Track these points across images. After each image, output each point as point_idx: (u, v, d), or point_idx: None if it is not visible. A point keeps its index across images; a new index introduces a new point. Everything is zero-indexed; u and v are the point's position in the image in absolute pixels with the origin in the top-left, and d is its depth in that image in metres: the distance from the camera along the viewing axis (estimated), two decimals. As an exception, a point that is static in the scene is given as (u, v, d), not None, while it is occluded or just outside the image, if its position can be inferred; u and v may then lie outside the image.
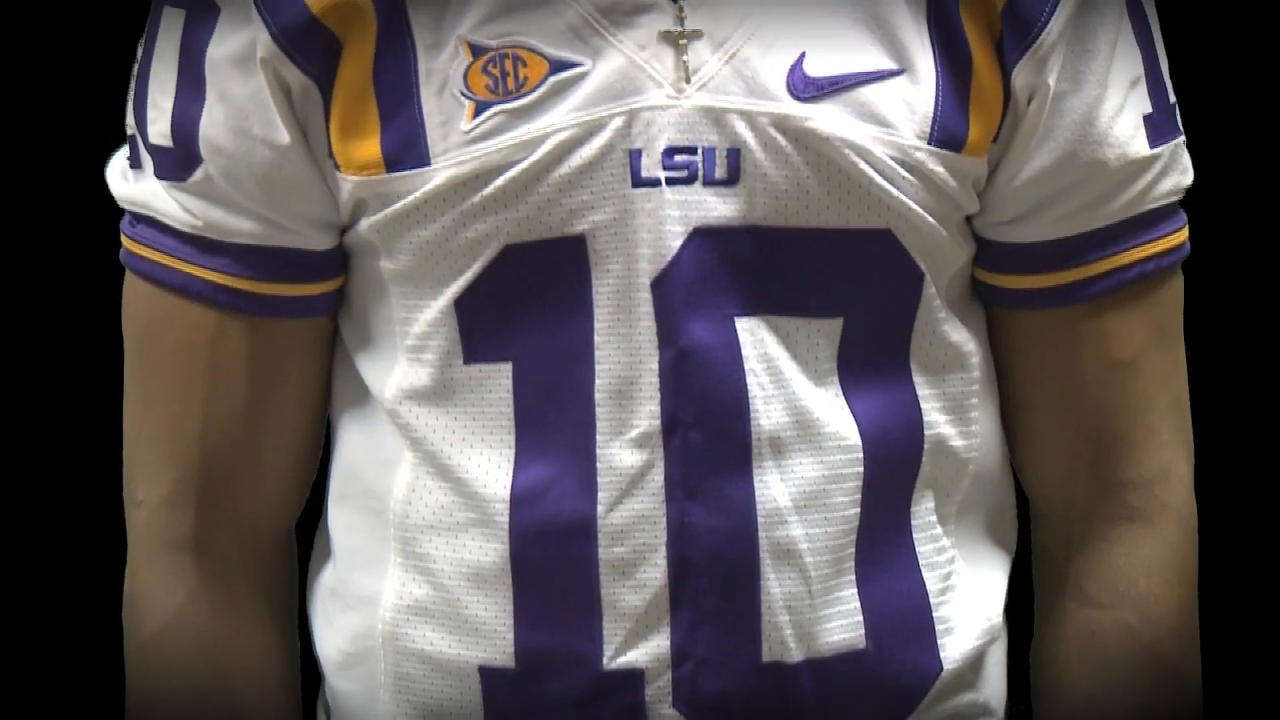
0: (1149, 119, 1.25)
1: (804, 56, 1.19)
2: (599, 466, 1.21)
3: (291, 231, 1.25)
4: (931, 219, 1.22)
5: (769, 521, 1.22)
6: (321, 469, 1.34)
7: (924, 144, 1.21)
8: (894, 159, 1.20)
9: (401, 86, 1.20)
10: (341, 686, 1.31)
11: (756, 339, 1.21)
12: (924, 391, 1.26)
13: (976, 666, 1.30)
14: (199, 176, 1.24)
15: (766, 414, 1.21)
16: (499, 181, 1.19)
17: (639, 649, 1.23)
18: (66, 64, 1.81)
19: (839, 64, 1.20)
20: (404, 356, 1.25)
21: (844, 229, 1.21)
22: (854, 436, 1.23)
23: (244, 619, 1.31)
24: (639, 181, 1.19)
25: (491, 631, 1.24)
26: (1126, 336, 1.28)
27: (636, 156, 1.19)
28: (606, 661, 1.23)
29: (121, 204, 1.29)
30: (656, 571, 1.22)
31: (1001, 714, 1.34)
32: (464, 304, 1.22)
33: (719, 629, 1.22)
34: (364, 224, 1.23)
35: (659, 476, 1.21)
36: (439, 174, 1.20)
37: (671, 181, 1.19)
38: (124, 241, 1.29)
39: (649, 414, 1.21)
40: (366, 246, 1.25)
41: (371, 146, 1.21)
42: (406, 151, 1.20)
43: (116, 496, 1.33)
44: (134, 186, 1.28)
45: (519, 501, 1.22)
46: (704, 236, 1.19)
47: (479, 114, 1.19)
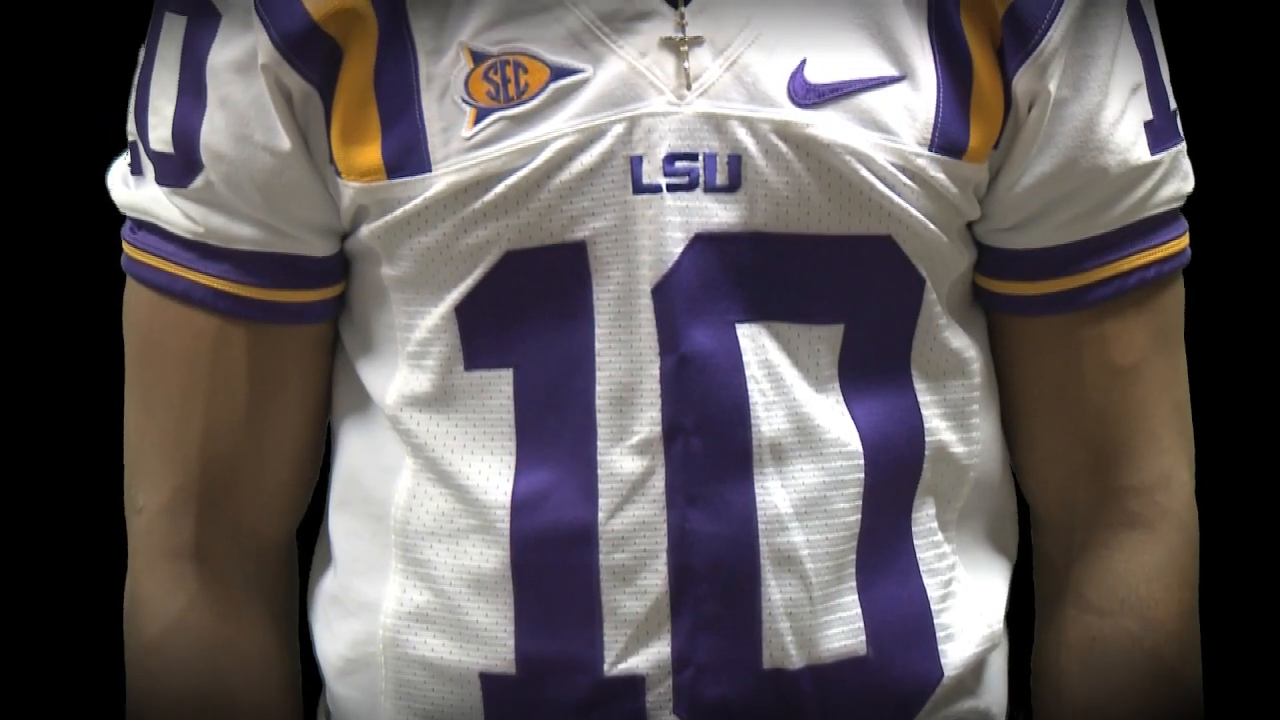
0: (1150, 125, 1.25)
1: (805, 63, 1.19)
2: (600, 473, 1.21)
3: (292, 238, 1.25)
4: (932, 225, 1.22)
5: (770, 528, 1.21)
6: (322, 475, 1.34)
7: (925, 150, 1.21)
8: (895, 165, 1.20)
9: (402, 93, 1.20)
10: (342, 693, 1.31)
11: (757, 345, 1.21)
12: (925, 398, 1.26)
13: (977, 673, 1.30)
14: (200, 183, 1.24)
15: (767, 420, 1.21)
16: (500, 188, 1.19)
17: (640, 655, 1.22)
18: (68, 70, 1.81)
19: (840, 70, 1.20)
20: (405, 363, 1.25)
21: (845, 235, 1.21)
22: (855, 443, 1.23)
23: (245, 625, 1.31)
24: (640, 188, 1.19)
25: (492, 638, 1.24)
26: (1127, 343, 1.28)
27: (637, 163, 1.19)
28: (607, 668, 1.23)
29: (123, 210, 1.29)
30: (657, 578, 1.21)
31: (1002, 720, 1.34)
32: (465, 310, 1.22)
33: (720, 635, 1.22)
34: (365, 230, 1.23)
35: (660, 483, 1.21)
36: (440, 180, 1.20)
37: (672, 188, 1.19)
38: (125, 248, 1.29)
39: (650, 420, 1.20)
40: (367, 253, 1.25)
41: (372, 153, 1.21)
42: (407, 158, 1.20)
43: (117, 502, 1.33)
44: (135, 193, 1.28)
45: (520, 508, 1.22)
46: (705, 243, 1.19)
47: (480, 120, 1.19)
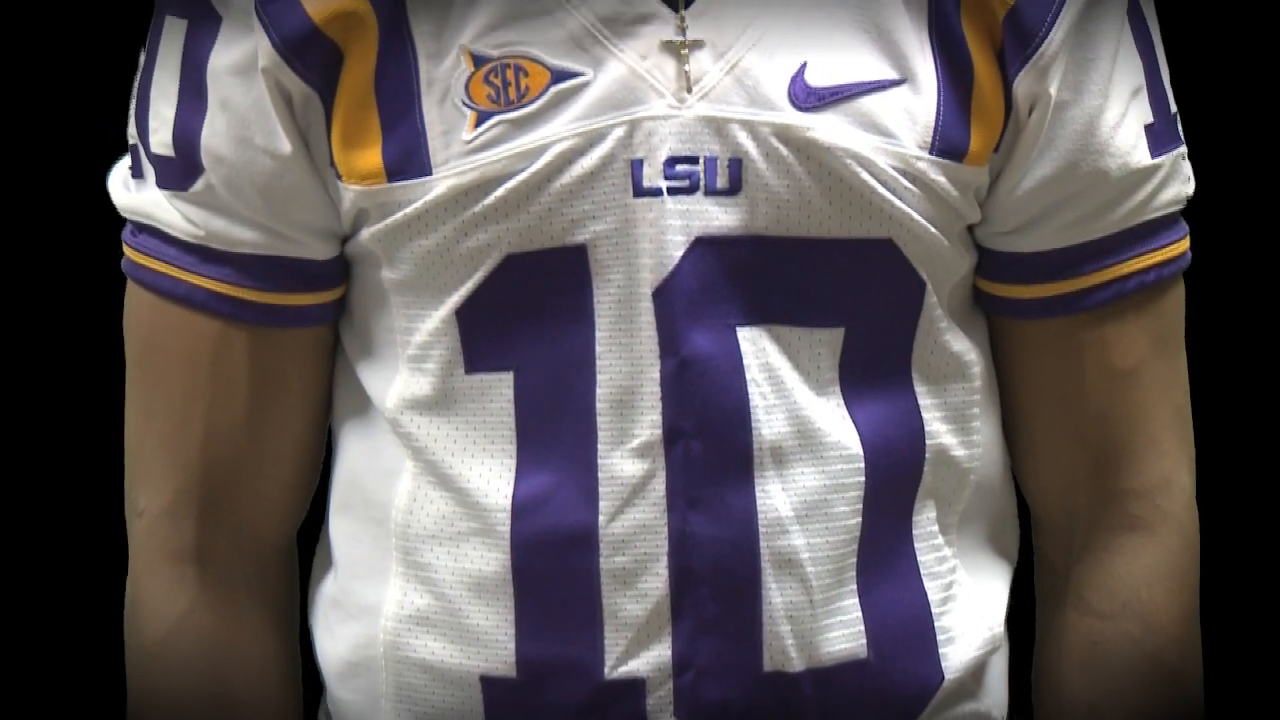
0: (1150, 129, 1.25)
1: (805, 66, 1.19)
2: (600, 476, 1.21)
3: (293, 241, 1.25)
4: (933, 229, 1.22)
5: (770, 531, 1.21)
6: (323, 479, 1.34)
7: (925, 154, 1.21)
8: (895, 169, 1.20)
9: (403, 96, 1.20)
10: (343, 696, 1.31)
11: (758, 349, 1.21)
12: (925, 401, 1.26)
13: (978, 676, 1.30)
14: (201, 186, 1.24)
15: (768, 423, 1.21)
16: (500, 191, 1.19)
17: (640, 658, 1.22)
18: (69, 74, 1.81)
19: (840, 74, 1.20)
20: (405, 366, 1.25)
21: (845, 239, 1.21)
22: (855, 446, 1.23)
23: (245, 628, 1.31)
24: (640, 191, 1.19)
25: (493, 641, 1.24)
26: (1128, 346, 1.28)
27: (638, 166, 1.19)
28: (608, 671, 1.23)
29: (123, 214, 1.29)
30: (658, 581, 1.21)
31: (1003, 723, 1.34)
32: (465, 314, 1.22)
33: (720, 638, 1.22)
34: (365, 233, 1.23)
35: (660, 486, 1.21)
36: (440, 183, 1.20)
37: (673, 191, 1.19)
38: (126, 251, 1.29)
39: (650, 424, 1.20)
40: (368, 256, 1.25)
41: (373, 156, 1.21)
42: (408, 161, 1.20)
43: (117, 505, 1.33)
44: (136, 196, 1.28)
45: (520, 511, 1.22)
46: (705, 246, 1.19)
47: (480, 124, 1.19)
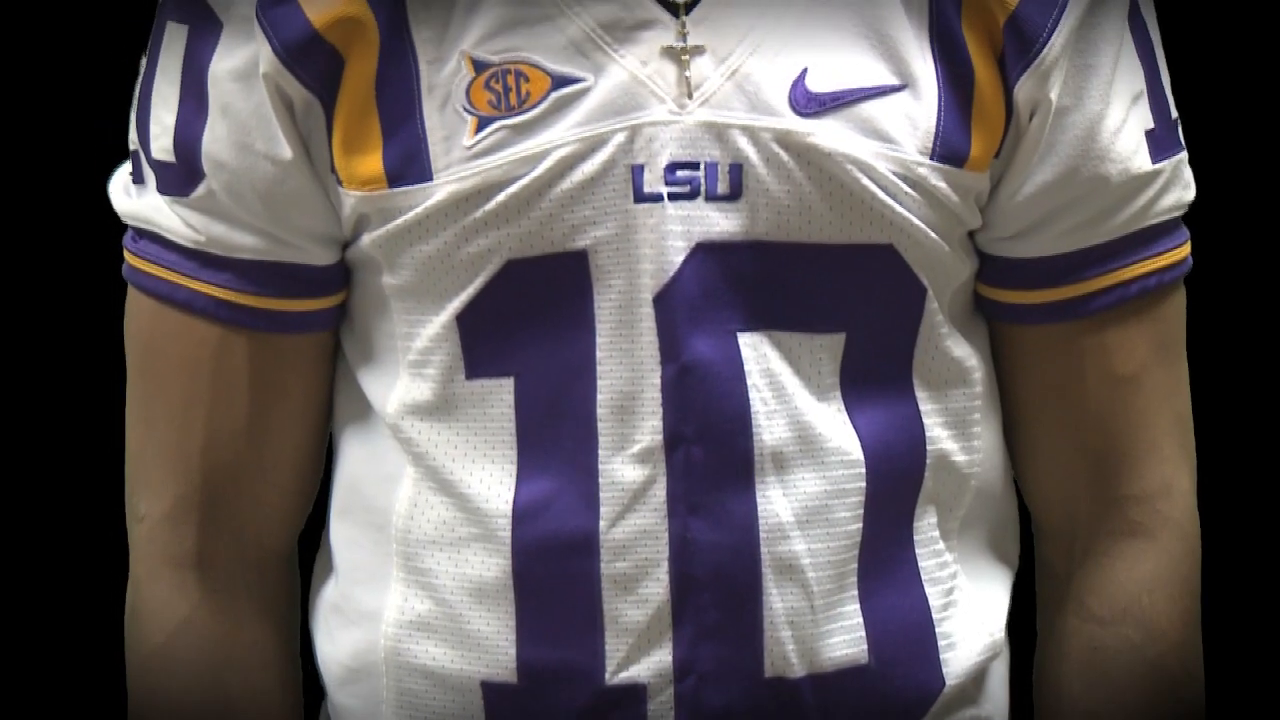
0: (1151, 134, 1.25)
1: (806, 72, 1.19)
2: (601, 482, 1.21)
3: (294, 247, 1.25)
4: (934, 234, 1.22)
5: (771, 537, 1.21)
6: (324, 484, 1.34)
7: (926, 159, 1.21)
8: (896, 174, 1.20)
9: (404, 102, 1.20)
10: (344, 702, 1.31)
11: (759, 354, 1.21)
12: (926, 407, 1.26)
13: (979, 682, 1.30)
14: (201, 192, 1.24)
15: (769, 429, 1.21)
16: (501, 197, 1.19)
17: (641, 664, 1.22)
18: (69, 80, 1.81)
19: (841, 79, 1.20)
20: (406, 371, 1.25)
21: (846, 244, 1.21)
22: (856, 451, 1.23)
23: (246, 634, 1.31)
24: (641, 197, 1.19)
25: (494, 646, 1.24)
26: (1128, 352, 1.28)
27: (639, 172, 1.19)
28: (609, 677, 1.22)
29: (124, 219, 1.29)
30: (658, 586, 1.21)
31: (1004, 729, 1.34)
32: (466, 319, 1.22)
33: (721, 644, 1.22)
34: (366, 239, 1.23)
35: (661, 492, 1.21)
36: (441, 189, 1.20)
37: (674, 197, 1.19)
38: (126, 257, 1.29)
39: (651, 429, 1.20)
40: (368, 261, 1.25)
41: (374, 161, 1.21)
42: (409, 166, 1.20)
43: (118, 511, 1.33)
44: (137, 202, 1.28)
45: (521, 516, 1.22)
46: (706, 252, 1.19)
47: (481, 129, 1.19)
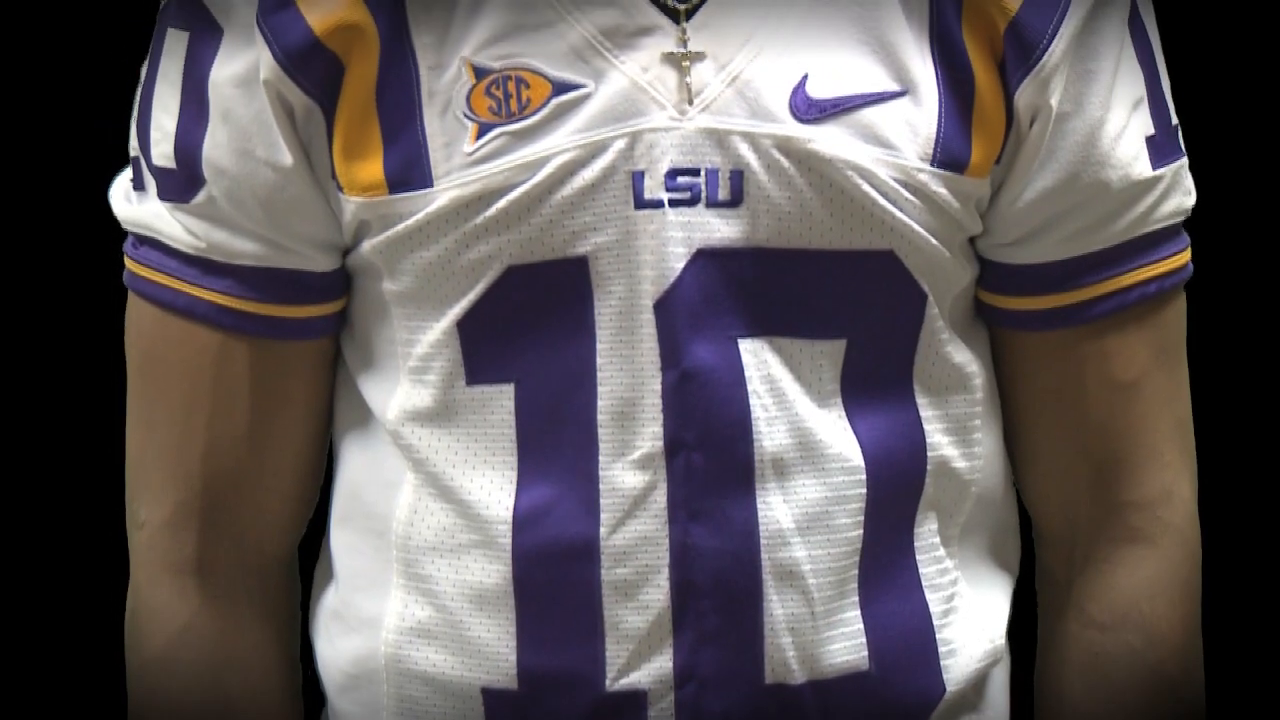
0: (1151, 140, 1.25)
1: (806, 78, 1.19)
2: (601, 488, 1.21)
3: (294, 253, 1.25)
4: (934, 240, 1.22)
5: (771, 543, 1.21)
6: (324, 490, 1.34)
7: (926, 165, 1.21)
8: (896, 180, 1.20)
9: (404, 108, 1.20)
10: (344, 708, 1.31)
11: (759, 360, 1.21)
12: (927, 413, 1.26)
13: (979, 688, 1.30)
14: (202, 198, 1.24)
15: (769, 435, 1.21)
16: (501, 203, 1.19)
17: (641, 670, 1.22)
18: (70, 86, 1.81)
19: (841, 85, 1.20)
20: (406, 378, 1.25)
21: (847, 250, 1.21)
22: (857, 458, 1.23)
23: (247, 640, 1.31)
24: (641, 203, 1.19)
25: (494, 653, 1.23)
26: (1129, 358, 1.28)
27: (639, 178, 1.19)
28: (609, 683, 1.22)
29: (125, 226, 1.29)
30: (659, 593, 1.21)
31: (1004, 735, 1.34)
32: (466, 325, 1.22)
33: (722, 650, 1.22)
34: (366, 245, 1.23)
35: (661, 498, 1.21)
36: (442, 195, 1.20)
37: (674, 203, 1.19)
38: (127, 263, 1.29)
39: (651, 435, 1.20)
40: (369, 268, 1.25)
41: (374, 168, 1.21)
42: (409, 173, 1.20)
43: (118, 517, 1.33)
44: (137, 208, 1.28)
45: (521, 523, 1.22)
46: (707, 258, 1.19)
47: (482, 135, 1.19)
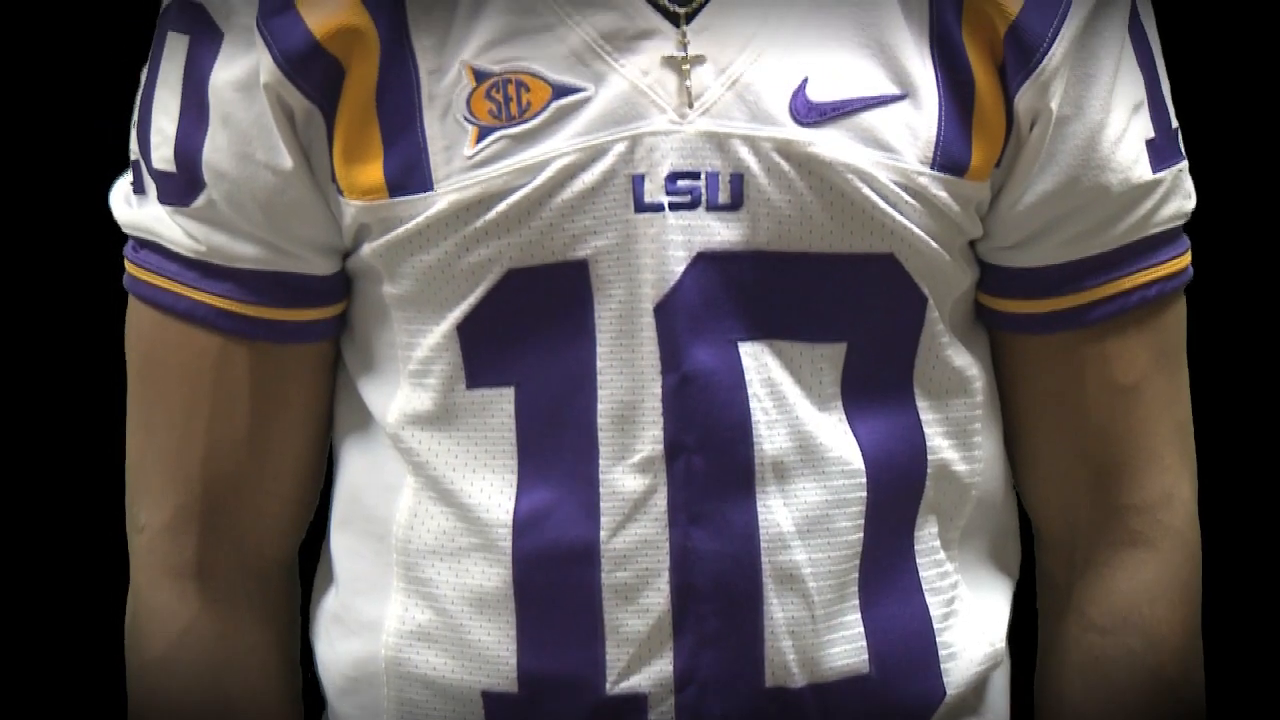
0: (1151, 144, 1.25)
1: (807, 81, 1.19)
2: (601, 491, 1.21)
3: (294, 256, 1.25)
4: (934, 244, 1.22)
5: (772, 546, 1.21)
6: (324, 494, 1.34)
7: (927, 169, 1.21)
8: (897, 184, 1.20)
9: (404, 111, 1.20)
10: (344, 711, 1.31)
11: (760, 364, 1.21)
12: (927, 416, 1.26)
13: (980, 692, 1.30)
14: (202, 201, 1.24)
15: (770, 439, 1.21)
16: (501, 206, 1.19)
17: (642, 674, 1.22)
18: (70, 89, 1.82)
19: (842, 89, 1.20)
20: (406, 381, 1.25)
21: (847, 254, 1.21)
22: (857, 461, 1.23)
23: (247, 643, 1.31)
24: (642, 206, 1.19)
25: (494, 657, 1.23)
26: (1129, 361, 1.28)
27: (639, 181, 1.19)
28: (609, 686, 1.22)
29: (125, 229, 1.29)
30: (659, 596, 1.21)
31: (1005, 739, 1.34)
32: (466, 329, 1.22)
33: (722, 654, 1.22)
34: (366, 248, 1.23)
35: (662, 501, 1.21)
36: (442, 199, 1.20)
37: (675, 206, 1.19)
38: (127, 267, 1.29)
39: (652, 439, 1.20)
40: (369, 271, 1.25)
41: (374, 171, 1.21)
42: (409, 176, 1.20)
43: (118, 520, 1.32)
44: (137, 212, 1.28)
45: (521, 526, 1.22)
46: (707, 261, 1.19)
47: (482, 139, 1.19)
